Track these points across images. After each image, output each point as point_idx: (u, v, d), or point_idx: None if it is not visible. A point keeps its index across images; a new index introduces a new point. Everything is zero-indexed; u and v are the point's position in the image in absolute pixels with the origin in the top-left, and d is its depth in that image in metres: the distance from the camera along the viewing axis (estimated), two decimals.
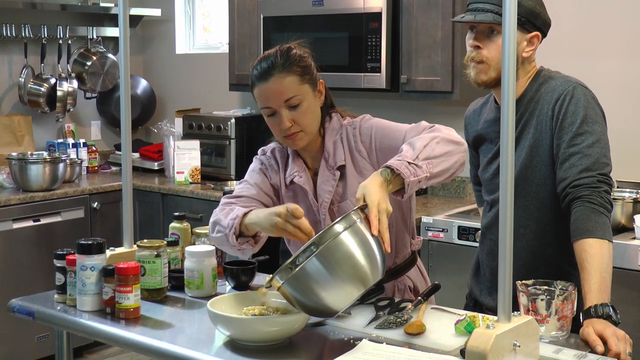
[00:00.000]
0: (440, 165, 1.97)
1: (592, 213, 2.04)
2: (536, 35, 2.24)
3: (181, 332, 2.03)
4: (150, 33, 5.64)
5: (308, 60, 2.19)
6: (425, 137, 2.01)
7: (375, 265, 1.79)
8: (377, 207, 1.81)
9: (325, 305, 1.78)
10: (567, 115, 2.15)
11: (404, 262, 2.32)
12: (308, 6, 4.19)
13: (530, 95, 2.25)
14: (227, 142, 4.72)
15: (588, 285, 1.97)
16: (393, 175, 1.90)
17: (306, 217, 2.00)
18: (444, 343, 1.85)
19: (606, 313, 1.93)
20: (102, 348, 4.65)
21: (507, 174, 1.64)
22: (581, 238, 2.03)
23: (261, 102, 2.18)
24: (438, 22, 3.81)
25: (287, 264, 1.76)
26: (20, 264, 4.26)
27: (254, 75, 2.18)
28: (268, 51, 2.20)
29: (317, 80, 2.21)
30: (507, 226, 1.65)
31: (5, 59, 4.93)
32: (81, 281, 2.14)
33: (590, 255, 2.00)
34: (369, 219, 1.80)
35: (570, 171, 2.11)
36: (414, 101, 4.23)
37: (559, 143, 2.16)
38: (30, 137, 4.93)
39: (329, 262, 1.74)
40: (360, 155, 2.21)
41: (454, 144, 2.03)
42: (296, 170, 2.26)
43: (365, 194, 1.84)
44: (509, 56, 1.64)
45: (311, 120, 2.18)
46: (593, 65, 3.63)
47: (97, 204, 4.59)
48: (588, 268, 1.99)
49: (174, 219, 2.52)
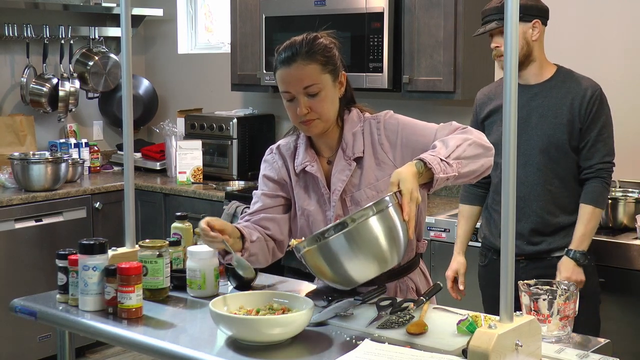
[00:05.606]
0: (469, 167, 2.05)
1: (605, 190, 2.87)
2: (537, 21, 2.88)
3: (183, 332, 2.03)
4: (152, 33, 5.64)
5: (333, 51, 2.22)
6: (458, 138, 2.08)
7: (397, 250, 1.95)
8: (410, 194, 1.91)
9: (341, 278, 1.96)
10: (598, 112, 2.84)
11: (408, 264, 2.32)
12: (310, 6, 4.19)
13: (560, 77, 2.91)
14: (229, 142, 4.72)
15: (576, 235, 2.83)
16: (425, 169, 1.98)
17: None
18: (446, 343, 1.84)
19: (575, 257, 2.82)
20: (104, 348, 4.66)
21: (509, 176, 1.64)
22: (590, 204, 2.84)
23: (281, 86, 2.21)
24: (440, 21, 3.81)
25: (317, 234, 1.91)
26: (22, 264, 4.27)
27: (278, 59, 2.21)
28: (295, 37, 2.23)
29: (339, 72, 2.24)
30: (509, 226, 1.65)
31: (7, 59, 4.94)
32: (83, 281, 2.14)
33: (590, 218, 2.84)
34: (402, 205, 1.91)
35: (597, 154, 2.85)
36: (416, 101, 4.23)
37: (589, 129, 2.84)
38: (32, 137, 4.94)
39: (355, 241, 1.90)
40: (382, 149, 2.24)
41: (484, 148, 2.11)
42: (308, 160, 2.29)
43: (401, 180, 1.93)
44: (511, 56, 1.65)
45: (328, 109, 2.21)
46: (597, 66, 3.63)
47: (99, 204, 4.60)
48: (583, 224, 2.83)
49: (176, 219, 2.52)
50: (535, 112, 2.89)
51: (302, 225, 2.30)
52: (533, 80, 2.92)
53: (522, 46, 2.84)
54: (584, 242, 2.83)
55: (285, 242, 2.33)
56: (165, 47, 5.60)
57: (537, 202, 2.90)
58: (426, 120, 2.22)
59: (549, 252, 2.90)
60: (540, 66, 2.92)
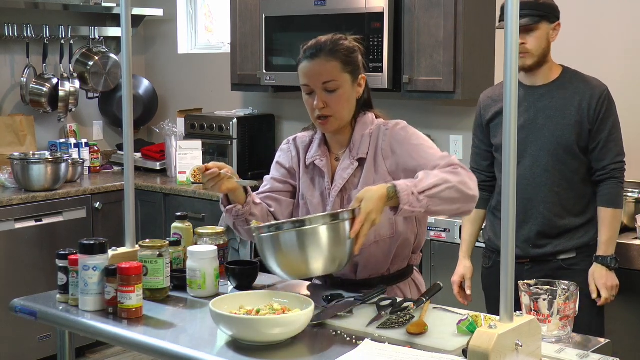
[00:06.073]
0: (440, 207, 2.10)
1: (621, 190, 2.88)
2: (558, 23, 2.89)
3: (183, 332, 2.03)
4: (152, 33, 5.64)
5: (356, 53, 2.32)
6: (441, 177, 2.09)
7: (336, 262, 2.03)
8: (367, 215, 1.98)
9: (279, 269, 2.04)
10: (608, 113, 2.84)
11: (398, 272, 2.38)
12: (310, 6, 4.19)
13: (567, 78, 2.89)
14: (229, 142, 4.72)
15: (602, 239, 2.83)
16: (396, 195, 2.03)
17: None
18: (446, 343, 1.85)
19: (606, 263, 2.81)
20: (104, 348, 4.66)
21: (510, 176, 1.64)
22: (610, 207, 2.84)
23: (302, 79, 2.30)
24: (440, 21, 3.81)
25: (274, 224, 2.02)
26: (22, 264, 4.27)
27: (303, 55, 2.30)
28: (322, 36, 2.33)
29: (359, 74, 2.32)
30: (509, 226, 1.65)
31: (7, 59, 4.94)
32: (83, 281, 2.14)
33: (612, 221, 2.85)
34: (354, 223, 1.99)
35: (609, 155, 2.85)
36: (416, 101, 4.23)
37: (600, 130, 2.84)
38: (32, 137, 4.94)
39: (302, 242, 1.97)
40: (382, 154, 2.30)
41: (463, 196, 2.12)
42: (319, 155, 2.39)
43: (365, 199, 2.00)
44: (511, 56, 1.65)
45: (343, 108, 2.28)
46: (597, 66, 3.63)
47: (99, 204, 4.60)
48: (607, 227, 2.83)
49: (176, 218, 2.52)
50: (542, 113, 2.87)
51: (303, 214, 2.39)
52: (540, 81, 2.90)
53: (544, 47, 2.83)
54: (610, 246, 2.83)
55: None
56: (165, 47, 5.60)
57: (544, 203, 2.87)
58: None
59: (555, 254, 2.87)
60: (549, 67, 2.90)
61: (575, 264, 2.87)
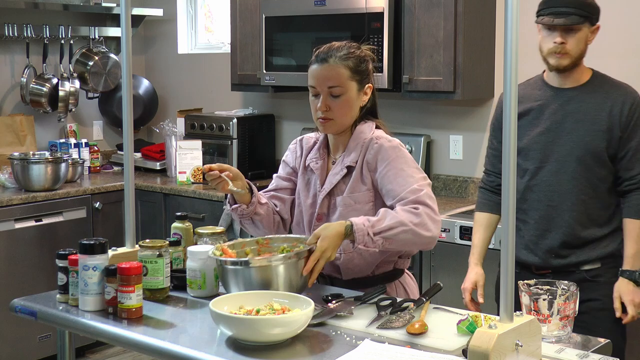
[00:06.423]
0: (394, 245, 2.20)
1: None
2: (598, 25, 2.74)
3: (183, 332, 2.03)
4: (152, 33, 5.64)
5: (366, 64, 2.37)
6: (399, 220, 2.17)
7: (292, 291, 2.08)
8: (322, 253, 2.11)
9: None
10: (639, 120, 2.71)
11: (383, 274, 2.40)
12: (310, 6, 4.18)
13: (597, 82, 2.77)
14: (229, 142, 4.72)
15: (628, 253, 2.67)
16: (352, 233, 2.15)
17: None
18: (446, 343, 1.85)
19: (634, 277, 2.65)
20: (104, 348, 4.66)
21: (510, 176, 1.64)
22: (638, 219, 2.68)
23: (310, 80, 2.37)
24: (440, 21, 3.81)
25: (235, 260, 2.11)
26: (22, 264, 4.27)
27: (315, 57, 2.37)
28: (336, 42, 2.39)
29: (366, 84, 2.38)
30: (510, 226, 1.65)
31: (7, 59, 4.94)
32: (83, 281, 2.14)
33: (639, 232, 2.68)
34: (309, 259, 2.10)
35: (638, 164, 2.71)
36: (416, 101, 4.22)
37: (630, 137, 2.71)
38: (32, 137, 4.94)
39: (255, 276, 2.07)
40: (367, 167, 2.35)
41: (419, 238, 2.19)
42: (316, 157, 2.46)
43: (322, 237, 2.13)
44: (511, 56, 1.64)
45: (344, 113, 2.35)
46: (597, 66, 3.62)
47: (99, 204, 4.60)
48: (634, 241, 2.67)
49: (176, 218, 2.52)
50: (570, 117, 2.72)
51: (297, 213, 2.48)
52: (570, 83, 2.75)
53: (582, 49, 2.71)
54: (638, 260, 2.66)
55: (289, 221, 2.53)
56: (165, 47, 5.59)
57: (570, 212, 2.71)
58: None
59: (578, 264, 2.72)
60: (581, 70, 2.77)
61: (599, 275, 2.72)
